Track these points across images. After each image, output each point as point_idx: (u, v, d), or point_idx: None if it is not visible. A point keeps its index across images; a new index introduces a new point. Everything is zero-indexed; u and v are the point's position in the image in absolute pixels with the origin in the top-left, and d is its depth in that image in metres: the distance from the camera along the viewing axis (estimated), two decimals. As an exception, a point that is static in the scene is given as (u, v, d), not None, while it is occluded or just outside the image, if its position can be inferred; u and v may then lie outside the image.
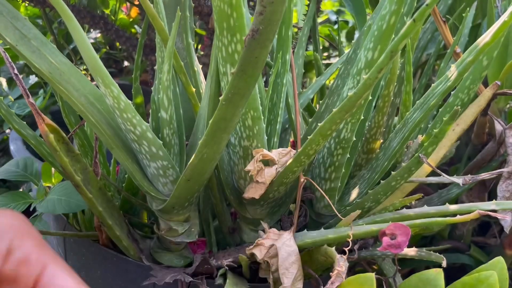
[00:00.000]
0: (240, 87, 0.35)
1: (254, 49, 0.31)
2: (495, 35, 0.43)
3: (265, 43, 0.31)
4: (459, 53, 0.67)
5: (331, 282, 0.42)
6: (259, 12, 0.29)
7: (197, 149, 0.42)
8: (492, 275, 0.46)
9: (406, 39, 0.33)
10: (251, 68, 0.33)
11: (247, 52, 0.32)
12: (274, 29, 0.30)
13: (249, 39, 0.31)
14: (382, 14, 0.46)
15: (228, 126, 0.40)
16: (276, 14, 0.29)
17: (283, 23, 0.54)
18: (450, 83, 0.48)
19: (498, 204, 0.47)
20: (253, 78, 0.34)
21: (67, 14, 0.37)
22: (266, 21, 0.30)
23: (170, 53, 0.44)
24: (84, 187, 0.47)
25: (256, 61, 0.32)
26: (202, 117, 0.52)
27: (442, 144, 0.59)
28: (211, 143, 0.41)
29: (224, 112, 0.38)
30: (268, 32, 0.30)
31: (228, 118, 0.38)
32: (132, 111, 0.44)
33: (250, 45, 0.31)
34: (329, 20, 1.47)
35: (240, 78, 0.34)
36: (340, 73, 0.62)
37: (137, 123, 0.44)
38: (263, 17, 0.29)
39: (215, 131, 0.40)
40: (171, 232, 0.54)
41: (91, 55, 0.40)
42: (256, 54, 0.32)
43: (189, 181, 0.46)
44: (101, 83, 0.42)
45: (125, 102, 0.43)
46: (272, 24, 0.30)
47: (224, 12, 0.40)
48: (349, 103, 0.39)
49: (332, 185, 0.56)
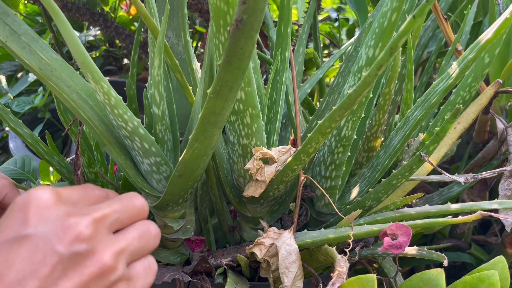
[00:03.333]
0: (227, 79, 0.34)
1: (239, 40, 0.31)
2: (497, 32, 0.43)
3: (250, 33, 0.30)
4: (461, 50, 0.67)
5: (332, 283, 0.41)
6: (242, 1, 0.28)
7: (188, 144, 0.42)
8: (494, 274, 0.45)
9: (406, 36, 0.33)
10: (237, 60, 0.32)
11: (232, 43, 0.31)
12: (259, 18, 0.30)
13: (233, 30, 0.30)
14: (383, 11, 0.46)
15: (218, 120, 0.39)
16: (260, 2, 0.28)
17: (281, 20, 0.54)
18: (451, 81, 0.47)
19: (500, 203, 0.47)
20: (240, 70, 0.33)
21: (54, 10, 0.36)
22: (250, 10, 0.29)
23: (160, 48, 0.43)
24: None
25: (242, 52, 0.32)
26: (196, 113, 0.51)
27: (443, 143, 0.58)
28: (201, 138, 0.41)
29: (213, 106, 0.37)
30: (252, 21, 0.29)
31: (217, 111, 0.38)
32: (123, 107, 0.43)
33: (235, 36, 0.30)
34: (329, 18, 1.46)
35: (227, 70, 0.33)
36: (341, 70, 0.61)
37: (129, 119, 0.44)
38: (246, 6, 0.29)
39: (205, 125, 0.39)
40: (167, 229, 0.53)
41: (80, 51, 0.39)
42: (242, 45, 0.31)
43: (181, 177, 0.45)
44: (91, 79, 0.41)
45: (116, 98, 0.42)
46: (256, 13, 0.29)
47: (220, 10, 0.39)
48: (349, 100, 0.39)
49: (333, 183, 0.56)
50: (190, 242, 0.58)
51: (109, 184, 0.62)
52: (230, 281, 0.51)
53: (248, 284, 0.55)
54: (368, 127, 0.60)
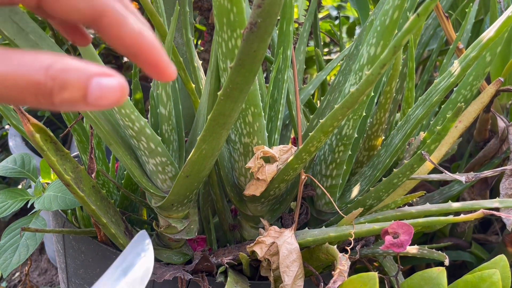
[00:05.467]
0: (239, 81, 0.34)
1: (253, 43, 0.31)
2: (499, 30, 0.42)
3: (263, 37, 0.30)
4: (462, 49, 0.66)
5: (333, 281, 0.41)
6: (257, 5, 0.28)
7: (195, 145, 0.42)
8: (495, 273, 0.45)
9: (410, 34, 0.33)
10: (250, 62, 0.32)
11: (245, 46, 0.31)
12: (272, 22, 0.30)
13: (247, 33, 0.30)
14: (385, 9, 0.45)
15: (227, 122, 0.39)
16: (275, 6, 0.29)
17: (283, 18, 0.54)
18: (453, 79, 0.47)
19: (501, 202, 0.47)
20: (252, 73, 0.34)
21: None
22: (265, 14, 0.29)
23: (169, 48, 0.43)
24: (75, 186, 0.47)
25: (254, 55, 0.32)
26: (201, 113, 0.51)
27: (444, 141, 0.58)
28: (209, 139, 0.41)
29: (223, 107, 0.37)
30: (266, 25, 0.29)
31: (227, 113, 0.38)
32: (130, 107, 0.43)
33: (249, 39, 0.30)
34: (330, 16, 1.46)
35: (239, 73, 0.33)
36: (342, 69, 0.61)
37: (136, 119, 0.44)
38: (261, 9, 0.29)
39: (214, 127, 0.39)
40: (170, 229, 0.53)
41: (88, 49, 0.39)
42: (255, 48, 0.31)
43: (187, 177, 0.45)
44: None
45: None
46: (271, 17, 0.29)
47: (224, 7, 0.39)
48: (351, 99, 0.39)
49: (333, 182, 0.56)
50: (192, 241, 0.58)
51: (110, 182, 0.62)
52: (231, 280, 0.51)
53: (248, 283, 0.54)
54: (369, 126, 0.60)
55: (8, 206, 0.57)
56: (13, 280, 1.17)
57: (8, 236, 0.56)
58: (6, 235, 0.56)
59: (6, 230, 0.57)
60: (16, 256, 0.55)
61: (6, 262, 0.54)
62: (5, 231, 0.57)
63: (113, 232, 0.51)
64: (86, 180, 0.50)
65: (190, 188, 0.48)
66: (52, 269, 1.22)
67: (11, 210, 0.56)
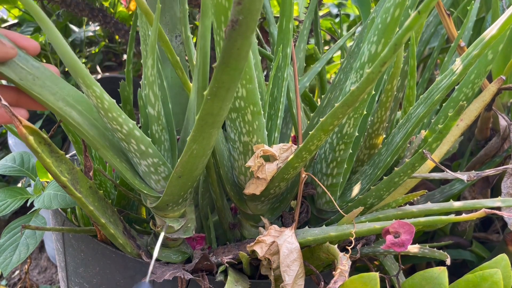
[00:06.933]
0: (224, 80, 0.34)
1: (236, 40, 0.30)
2: (502, 28, 0.42)
3: (246, 34, 0.30)
4: (463, 47, 0.66)
5: (334, 281, 0.41)
6: (237, 2, 0.28)
7: (186, 145, 0.41)
8: (496, 273, 0.45)
9: (411, 32, 0.32)
10: (234, 61, 0.32)
11: (228, 44, 0.30)
12: (254, 18, 0.29)
13: (229, 31, 0.29)
14: (386, 6, 0.45)
15: (216, 121, 0.39)
16: (255, 2, 0.28)
17: (283, 15, 0.53)
18: (455, 77, 0.47)
19: (503, 201, 0.47)
20: (237, 71, 0.33)
21: (39, 15, 0.35)
22: (245, 11, 0.28)
23: (153, 47, 0.42)
24: (72, 187, 0.46)
25: (238, 53, 0.31)
26: (192, 112, 0.51)
27: (445, 140, 0.58)
28: (199, 139, 0.40)
29: (210, 107, 0.36)
30: (248, 21, 0.29)
31: (215, 112, 0.37)
32: (117, 110, 0.42)
33: (231, 37, 0.30)
34: (330, 14, 1.45)
35: (223, 71, 0.33)
36: (343, 67, 0.61)
37: (123, 122, 0.43)
38: (241, 6, 0.28)
39: (203, 127, 0.39)
40: (167, 229, 0.53)
41: (69, 56, 0.38)
42: (238, 46, 0.30)
43: (180, 178, 0.45)
44: (83, 84, 0.40)
45: (109, 101, 0.41)
46: (252, 14, 0.28)
47: (221, 6, 0.38)
48: (352, 97, 0.38)
49: (334, 180, 0.56)
50: (190, 239, 0.58)
51: (107, 182, 0.62)
52: (231, 279, 0.51)
53: (248, 282, 0.54)
54: (370, 124, 0.59)
55: (8, 204, 0.57)
56: (13, 278, 1.17)
57: (8, 234, 0.56)
58: (6, 233, 0.56)
59: (6, 229, 0.56)
60: (16, 255, 0.54)
61: (6, 260, 0.54)
62: (5, 230, 0.56)
63: (112, 232, 0.51)
64: (83, 181, 0.49)
65: (184, 188, 0.48)
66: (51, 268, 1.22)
67: (11, 208, 0.56)
